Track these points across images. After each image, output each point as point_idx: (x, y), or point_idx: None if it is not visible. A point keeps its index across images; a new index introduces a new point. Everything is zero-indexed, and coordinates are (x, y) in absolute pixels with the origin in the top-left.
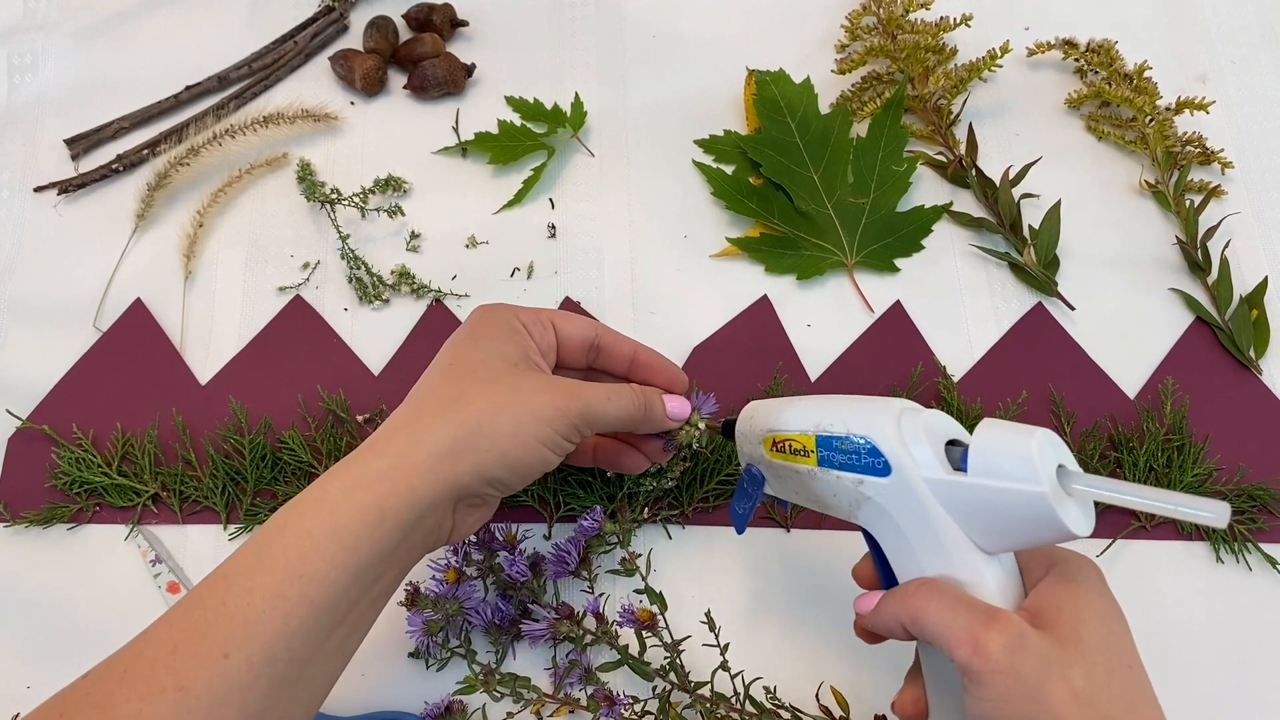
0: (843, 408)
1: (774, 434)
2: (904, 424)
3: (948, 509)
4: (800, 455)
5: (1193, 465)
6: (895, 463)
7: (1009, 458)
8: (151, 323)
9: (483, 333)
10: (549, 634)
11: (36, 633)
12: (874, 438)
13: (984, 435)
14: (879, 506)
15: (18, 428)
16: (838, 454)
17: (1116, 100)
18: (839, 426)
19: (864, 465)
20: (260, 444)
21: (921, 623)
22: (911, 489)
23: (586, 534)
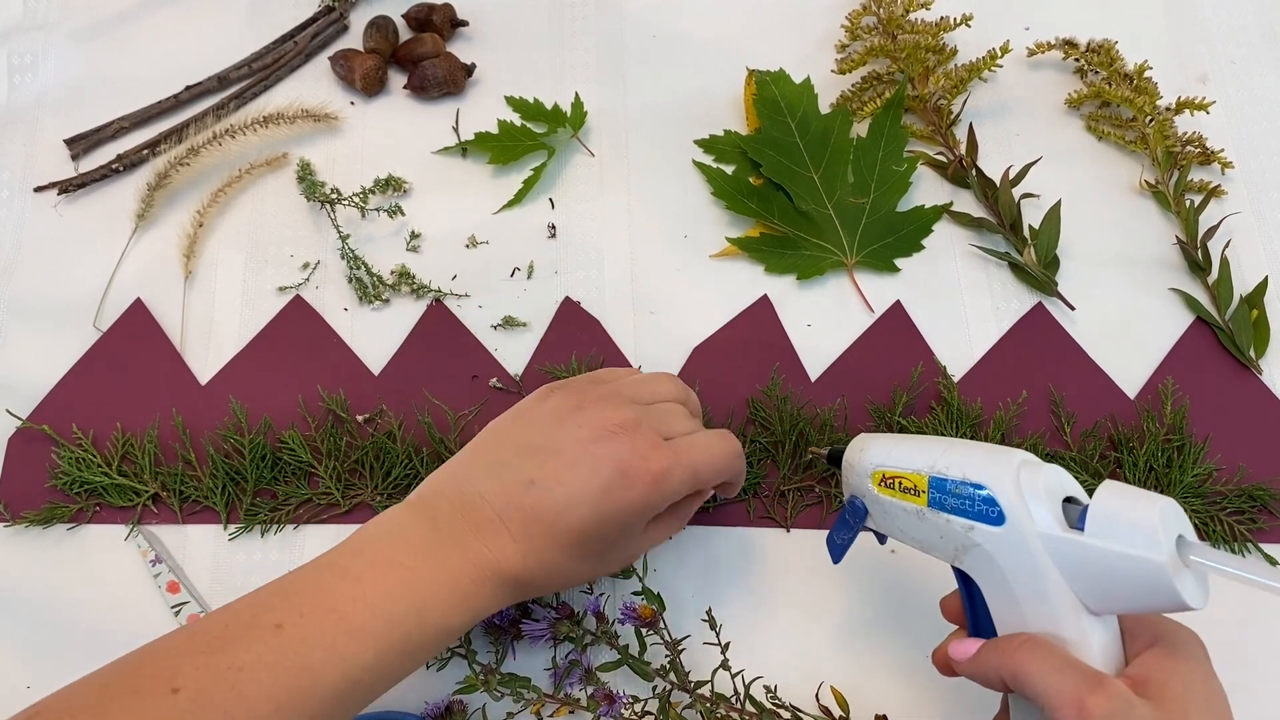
0: (961, 452)
1: (884, 470)
2: (1023, 476)
3: (1059, 566)
4: (910, 494)
5: (1193, 465)
6: (1010, 514)
7: (1130, 524)
8: (151, 323)
9: (634, 526)
10: (549, 634)
11: (36, 632)
12: (991, 486)
13: (1105, 498)
14: (987, 554)
15: (18, 428)
16: (950, 497)
17: (1116, 100)
18: (955, 470)
19: (977, 512)
20: (260, 444)
21: (1024, 679)
22: (1024, 542)
23: None
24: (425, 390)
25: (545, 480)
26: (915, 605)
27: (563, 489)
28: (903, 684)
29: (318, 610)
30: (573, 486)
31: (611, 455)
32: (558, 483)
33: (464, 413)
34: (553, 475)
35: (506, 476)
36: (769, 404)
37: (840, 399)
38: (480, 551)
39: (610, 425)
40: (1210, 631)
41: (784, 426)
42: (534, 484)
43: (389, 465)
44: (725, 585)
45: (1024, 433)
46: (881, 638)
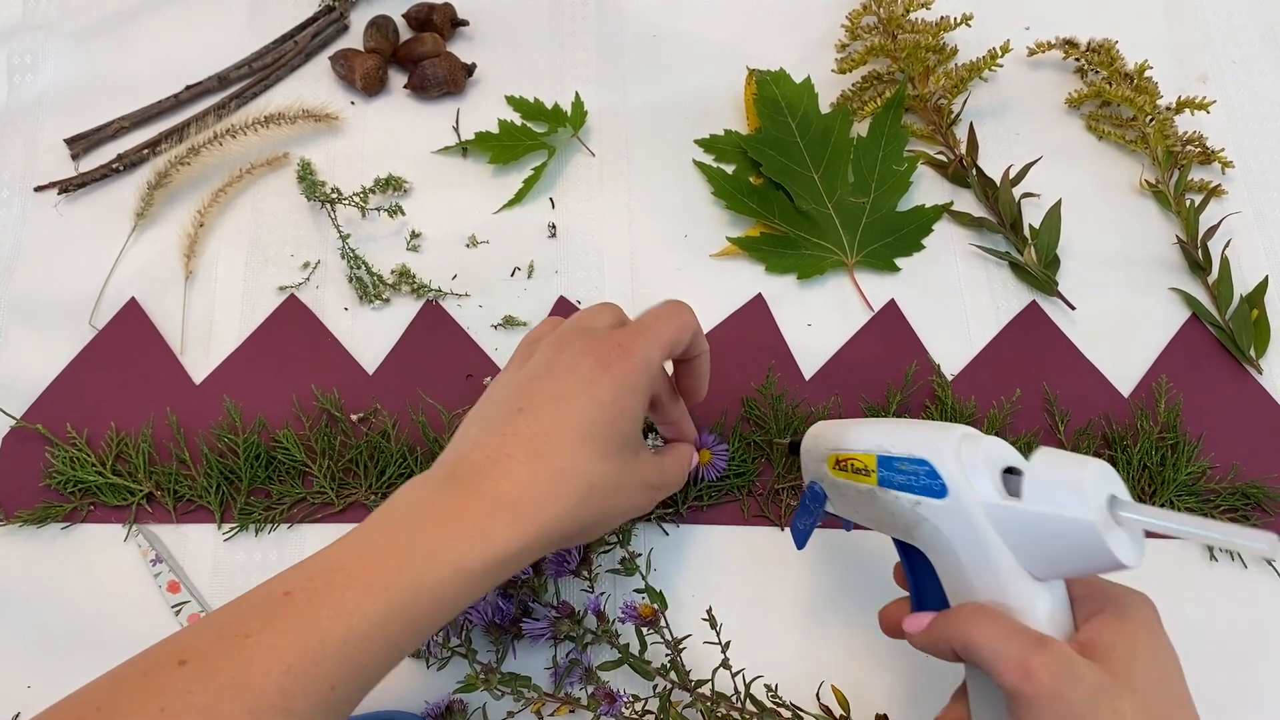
0: (906, 430)
1: (837, 453)
2: (963, 449)
3: (1001, 534)
4: (861, 474)
5: (1186, 463)
6: (952, 486)
7: (1062, 487)
8: (146, 322)
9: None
10: (550, 633)
11: (31, 631)
12: (932, 460)
13: (1039, 464)
14: (935, 528)
15: (12, 427)
16: (897, 474)
17: (1117, 100)
18: (900, 448)
19: (922, 487)
20: (254, 443)
21: (972, 647)
22: (966, 512)
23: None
24: (419, 389)
25: (532, 399)
26: None
27: (549, 397)
28: (902, 682)
29: (324, 572)
30: (557, 388)
31: (581, 351)
32: (544, 395)
33: (458, 411)
34: (537, 392)
35: (497, 414)
36: (763, 403)
37: (834, 397)
38: (487, 487)
39: (569, 336)
40: (1205, 630)
41: (778, 425)
42: (522, 409)
43: (383, 464)
44: (723, 584)
45: (1018, 431)
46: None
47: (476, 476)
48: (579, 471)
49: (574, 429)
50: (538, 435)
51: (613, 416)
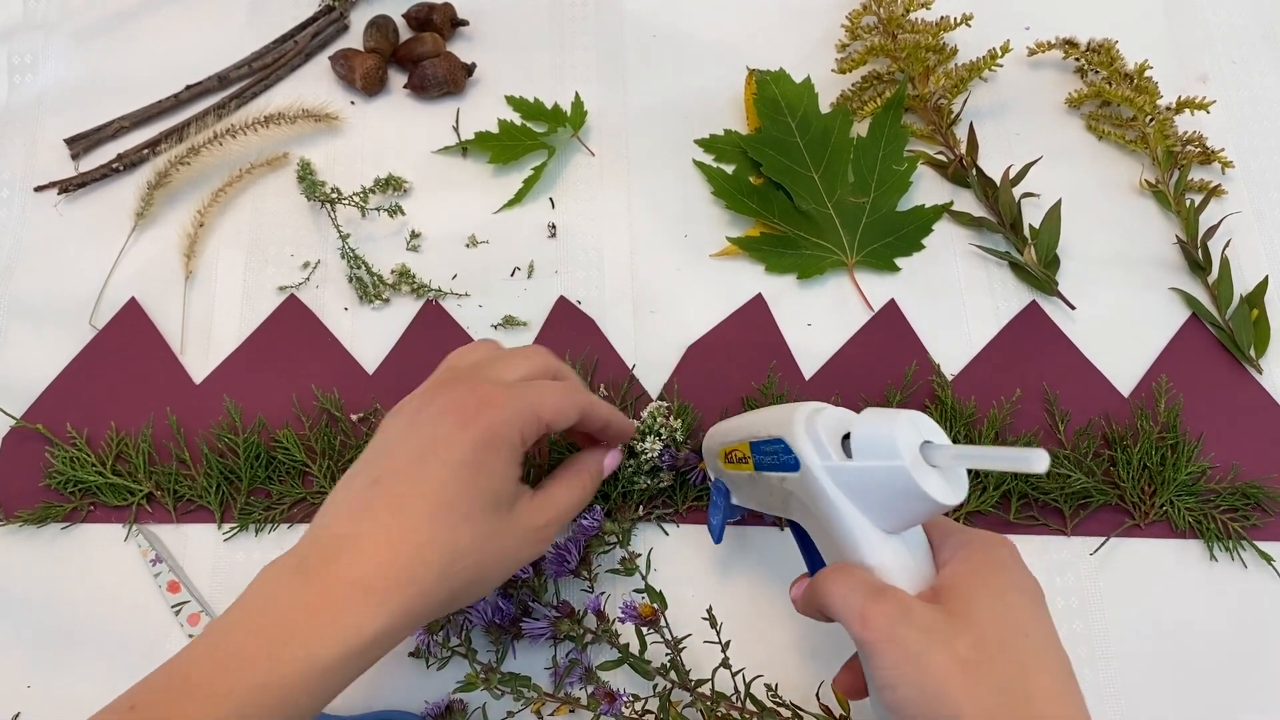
0: (767, 415)
1: (725, 446)
2: (809, 422)
3: (846, 494)
4: (742, 463)
5: (1186, 463)
6: (802, 457)
7: (877, 439)
8: (146, 321)
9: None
10: (550, 632)
11: (31, 631)
12: (785, 437)
13: (860, 423)
14: (799, 500)
15: (12, 427)
16: (765, 456)
17: (1117, 100)
18: (761, 431)
19: (782, 463)
20: (254, 443)
21: (827, 605)
22: (815, 479)
23: (586, 533)
24: None
25: (388, 468)
26: None
27: (406, 464)
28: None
29: (169, 679)
30: (414, 453)
31: (442, 410)
32: (401, 463)
33: None
34: (394, 459)
35: (354, 486)
36: (764, 403)
37: (834, 397)
38: (339, 572)
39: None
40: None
41: None
42: (378, 480)
43: None
44: (723, 584)
45: (1018, 430)
46: None
47: (327, 561)
48: (439, 543)
49: (432, 497)
50: (392, 508)
51: (474, 478)
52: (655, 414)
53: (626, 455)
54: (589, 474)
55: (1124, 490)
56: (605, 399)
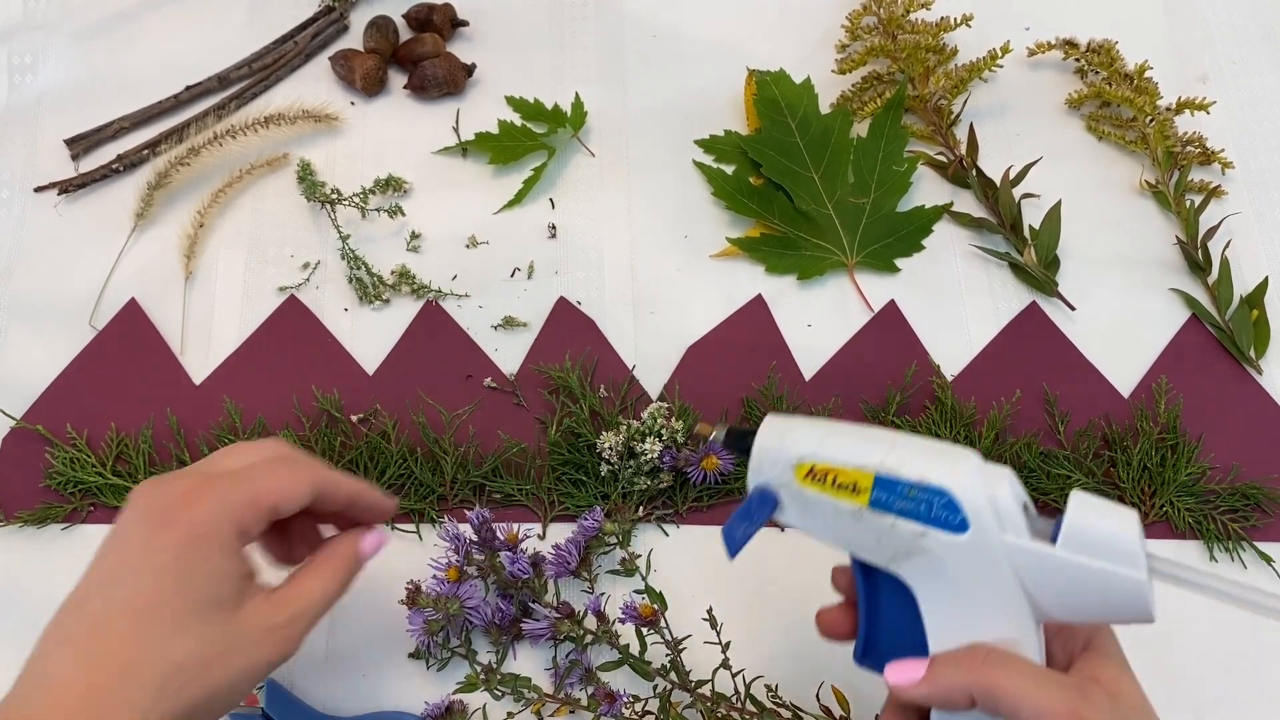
0: (911, 449)
1: (814, 462)
2: (988, 481)
3: (1020, 576)
4: (847, 491)
5: (1186, 464)
6: (975, 521)
7: (1108, 540)
8: (146, 322)
9: (199, 567)
10: (550, 633)
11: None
12: (954, 491)
13: (1079, 511)
14: (937, 561)
15: (12, 427)
16: (900, 499)
17: (1117, 100)
18: (909, 470)
19: (934, 518)
20: None
21: (1000, 695)
22: (987, 551)
23: (586, 534)
24: (420, 390)
25: (90, 587)
26: None
27: (105, 581)
28: None
29: None
30: (113, 567)
31: (140, 514)
32: (100, 580)
33: (458, 412)
34: (95, 577)
35: (59, 615)
36: (764, 403)
37: (835, 398)
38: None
39: (135, 496)
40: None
41: None
42: (81, 602)
43: (383, 465)
44: (723, 585)
45: (1018, 431)
46: None
47: (23, 707)
48: (148, 663)
49: (134, 611)
50: (94, 630)
51: (182, 582)
52: (655, 415)
53: (626, 456)
54: (340, 559)
55: (1124, 491)
56: (605, 400)
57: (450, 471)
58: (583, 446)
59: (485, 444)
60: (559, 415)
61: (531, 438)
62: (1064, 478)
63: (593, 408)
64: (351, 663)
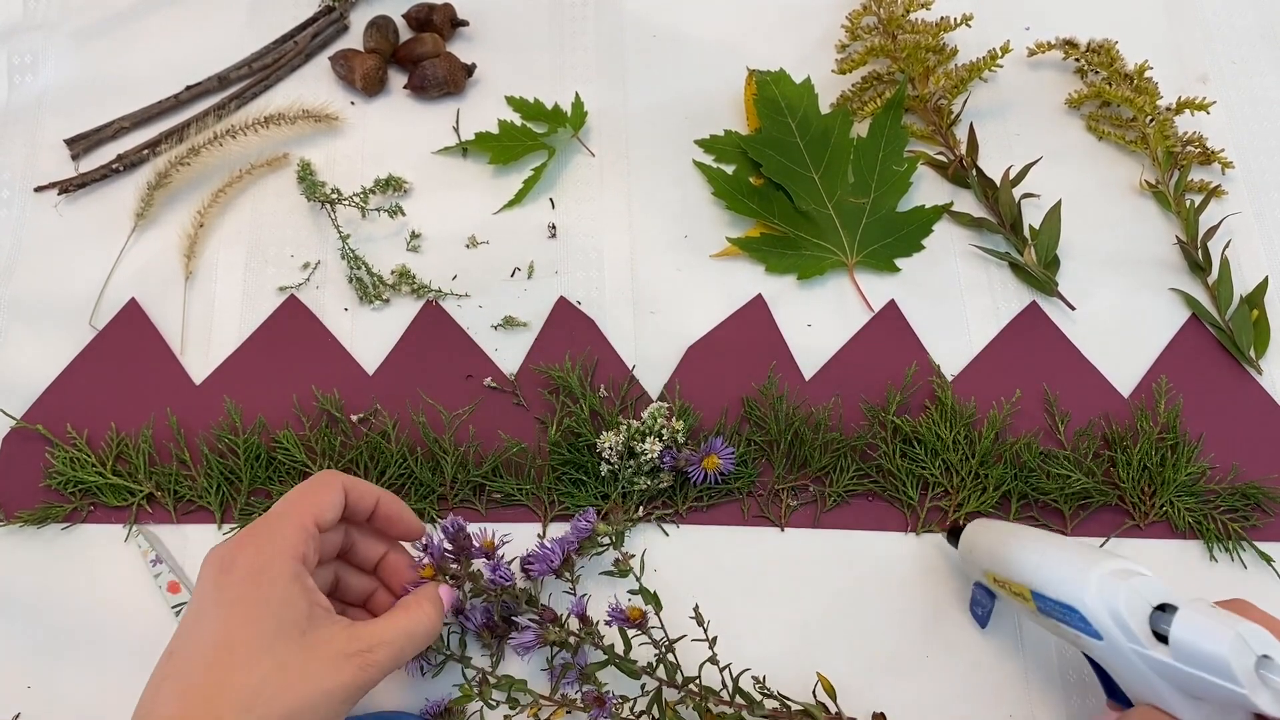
0: (1052, 565)
1: (993, 573)
2: (1107, 595)
3: (1156, 672)
4: (1021, 598)
5: (1186, 464)
6: (1105, 634)
7: (1207, 655)
8: (146, 322)
9: (265, 595)
10: (537, 643)
11: (31, 632)
12: (1080, 608)
13: (1182, 626)
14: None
15: (12, 427)
16: (1054, 609)
17: (1117, 100)
18: (1049, 589)
19: (1078, 626)
20: (255, 444)
21: None
22: (1122, 654)
23: (579, 535)
24: (420, 389)
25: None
26: (914, 604)
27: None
28: (899, 682)
29: None
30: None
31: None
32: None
33: (458, 412)
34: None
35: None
36: (764, 403)
37: (835, 398)
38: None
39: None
40: None
41: (779, 425)
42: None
43: (383, 465)
44: (721, 584)
45: (1018, 431)
46: (879, 636)
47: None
48: (230, 686)
49: (212, 646)
50: (181, 668)
51: (249, 613)
52: (656, 414)
53: (626, 455)
54: (424, 600)
55: (1124, 491)
56: (605, 400)
57: (450, 471)
58: (583, 446)
59: (485, 444)
60: (559, 415)
61: (531, 437)
62: (1064, 477)
63: (593, 407)
64: None
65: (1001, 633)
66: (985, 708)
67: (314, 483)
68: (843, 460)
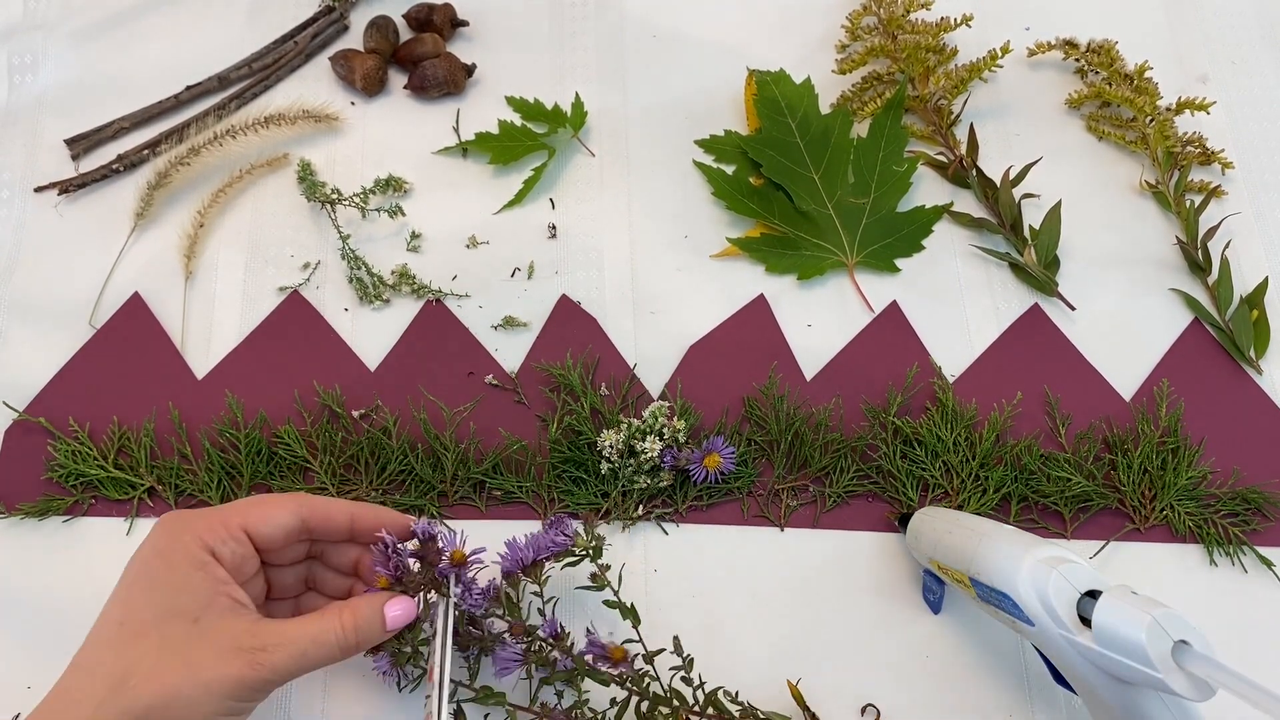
0: (987, 553)
1: (936, 561)
2: (1038, 581)
3: (1083, 656)
4: (962, 585)
5: (1187, 468)
6: (1035, 620)
7: (1125, 641)
8: (149, 317)
9: (161, 576)
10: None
11: (31, 622)
12: (1011, 595)
13: (1104, 612)
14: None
15: (14, 419)
16: (991, 595)
17: (1117, 100)
18: (984, 576)
19: (1012, 612)
20: (256, 439)
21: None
22: (1053, 640)
23: (556, 547)
24: (421, 386)
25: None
26: (913, 605)
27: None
28: (899, 682)
29: None
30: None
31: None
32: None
33: (459, 409)
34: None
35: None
36: (765, 403)
37: (835, 398)
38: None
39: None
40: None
41: (779, 426)
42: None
43: (384, 461)
44: (720, 583)
45: (1019, 434)
46: (878, 636)
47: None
48: (106, 661)
49: (110, 621)
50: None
51: (147, 591)
52: (656, 414)
53: (627, 454)
54: (351, 612)
55: (1124, 494)
56: (606, 399)
57: (451, 468)
58: (583, 444)
59: (486, 441)
60: (560, 413)
61: (532, 435)
62: (1065, 480)
63: (593, 406)
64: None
65: (1002, 633)
66: (985, 708)
67: (266, 497)
68: (843, 461)
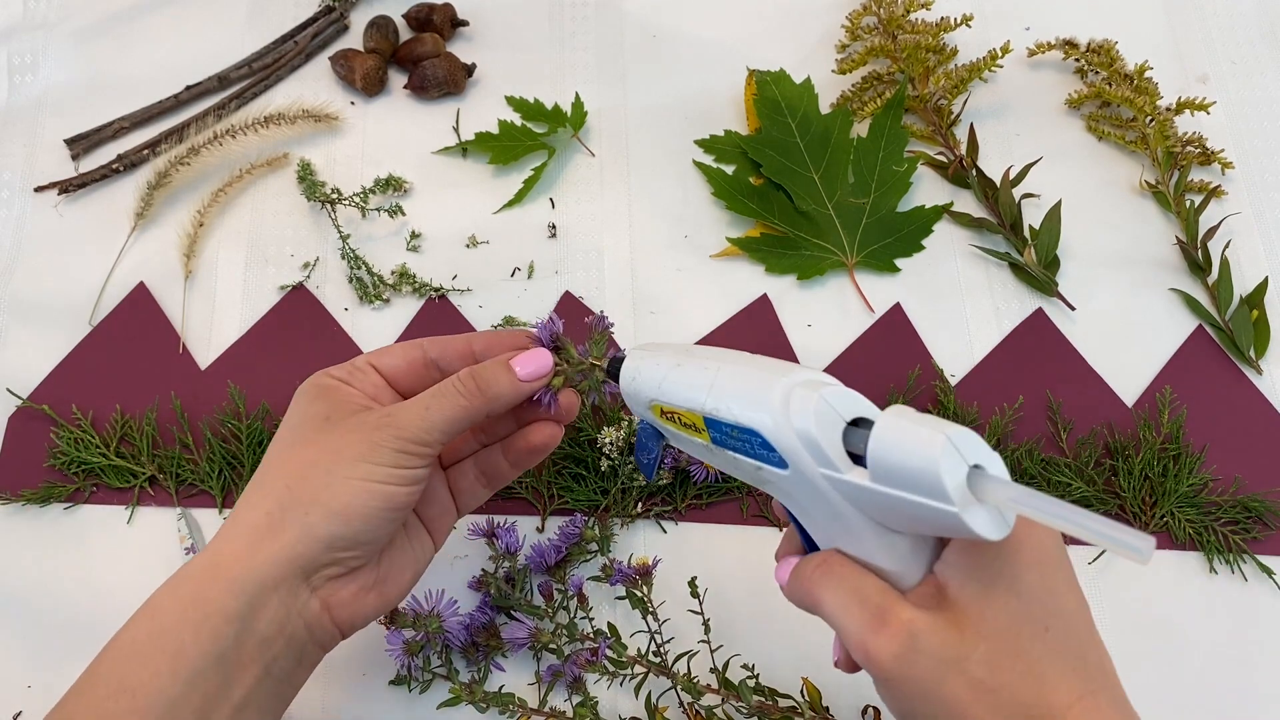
0: (727, 384)
1: (661, 405)
2: (794, 411)
3: (850, 500)
4: (693, 430)
5: (1188, 475)
6: (789, 459)
7: (913, 472)
8: (153, 306)
9: (292, 408)
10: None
11: (32, 610)
12: (761, 430)
13: (883, 438)
14: (779, 489)
15: (18, 407)
16: (730, 438)
17: (1117, 100)
18: (725, 412)
19: (758, 455)
20: (257, 429)
21: (819, 610)
22: (811, 482)
23: (568, 540)
24: None
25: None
26: None
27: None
28: None
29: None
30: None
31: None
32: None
33: None
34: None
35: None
36: None
37: None
38: (251, 501)
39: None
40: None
41: None
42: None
43: None
44: (719, 582)
45: (1020, 439)
46: None
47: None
48: (276, 467)
49: (277, 446)
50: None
51: (300, 418)
52: None
53: (627, 451)
54: (453, 380)
55: (1124, 500)
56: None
57: None
58: (583, 441)
59: None
60: None
61: None
62: (1065, 485)
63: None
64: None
65: None
66: None
67: (392, 346)
68: None
